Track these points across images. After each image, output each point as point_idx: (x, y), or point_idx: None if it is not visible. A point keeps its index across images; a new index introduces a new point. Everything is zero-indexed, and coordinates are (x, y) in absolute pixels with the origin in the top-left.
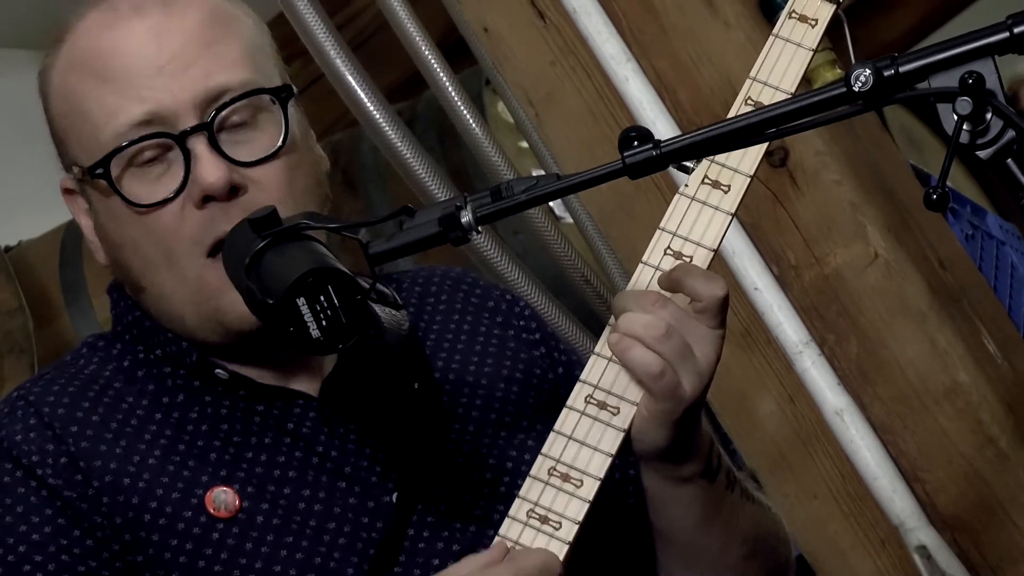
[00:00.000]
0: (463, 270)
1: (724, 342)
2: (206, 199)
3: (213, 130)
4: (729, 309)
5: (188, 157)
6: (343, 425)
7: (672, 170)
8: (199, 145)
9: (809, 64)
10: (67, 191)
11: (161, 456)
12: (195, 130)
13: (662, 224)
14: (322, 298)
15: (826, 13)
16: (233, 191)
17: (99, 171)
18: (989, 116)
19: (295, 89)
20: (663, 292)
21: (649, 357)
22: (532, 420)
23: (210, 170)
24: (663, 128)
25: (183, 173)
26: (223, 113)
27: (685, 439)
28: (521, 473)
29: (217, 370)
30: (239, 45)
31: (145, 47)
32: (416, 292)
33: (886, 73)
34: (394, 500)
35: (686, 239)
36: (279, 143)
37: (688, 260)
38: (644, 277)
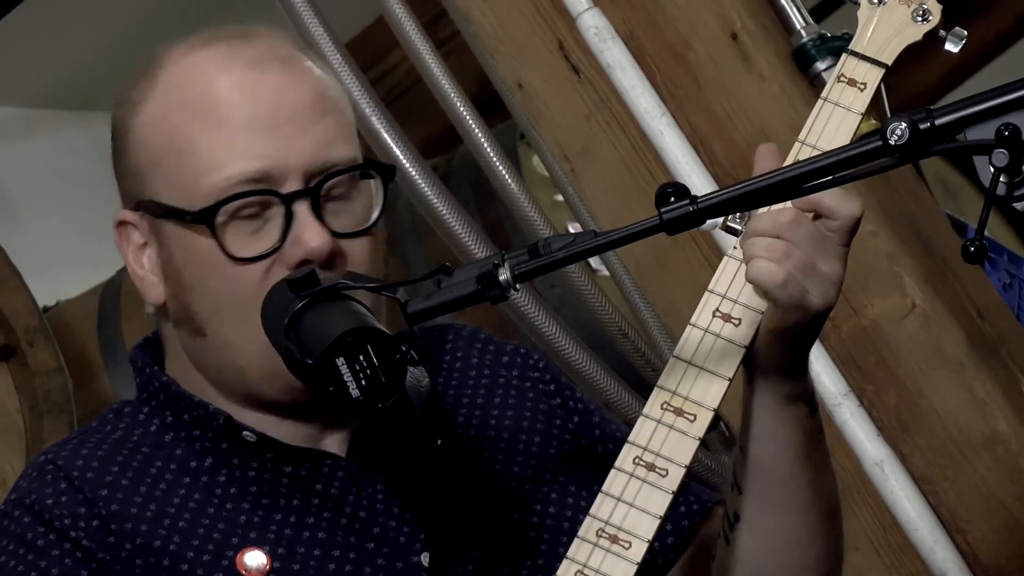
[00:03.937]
0: (475, 327)
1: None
2: (303, 263)
3: (318, 197)
4: None
5: (290, 219)
6: (371, 485)
7: (719, 231)
8: (302, 209)
9: (858, 128)
10: (123, 223)
11: (191, 518)
12: (301, 194)
13: (711, 286)
14: (361, 357)
15: (875, 77)
16: (330, 259)
17: (203, 218)
18: None
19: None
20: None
21: (772, 267)
22: (555, 472)
23: (314, 235)
24: (699, 182)
25: (280, 233)
26: (329, 183)
27: (803, 354)
28: (547, 526)
29: (245, 432)
30: (345, 119)
31: (264, 104)
32: (431, 350)
33: (922, 126)
34: (423, 561)
35: (735, 301)
36: (372, 218)
37: (736, 323)
38: (693, 339)
